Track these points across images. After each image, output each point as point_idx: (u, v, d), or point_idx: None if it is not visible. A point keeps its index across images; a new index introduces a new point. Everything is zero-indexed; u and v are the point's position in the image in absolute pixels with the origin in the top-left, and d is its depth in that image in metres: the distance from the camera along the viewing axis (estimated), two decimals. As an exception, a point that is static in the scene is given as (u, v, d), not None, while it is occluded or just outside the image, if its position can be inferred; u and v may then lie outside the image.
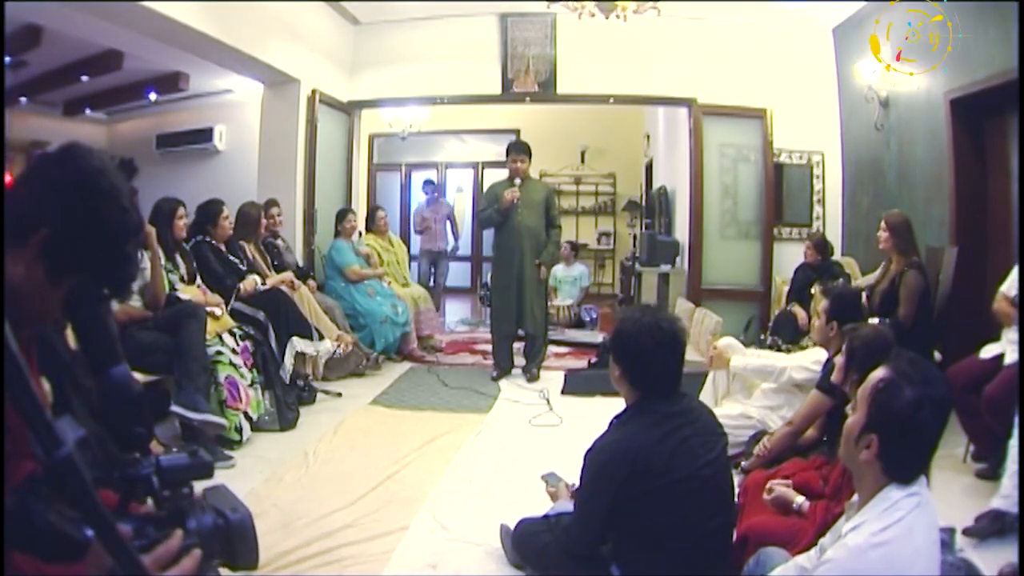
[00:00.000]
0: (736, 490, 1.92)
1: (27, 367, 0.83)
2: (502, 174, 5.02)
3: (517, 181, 4.83)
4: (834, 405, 2.43)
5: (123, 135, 7.81)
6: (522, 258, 4.86)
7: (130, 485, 0.92)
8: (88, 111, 7.38)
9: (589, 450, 1.79)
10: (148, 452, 0.96)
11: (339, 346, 4.59)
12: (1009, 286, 3.06)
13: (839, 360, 2.21)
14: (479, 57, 6.13)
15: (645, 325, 1.79)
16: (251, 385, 3.55)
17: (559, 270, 7.76)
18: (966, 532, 2.43)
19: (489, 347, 5.25)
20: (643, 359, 1.79)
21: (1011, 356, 2.92)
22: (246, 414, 3.43)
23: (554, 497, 2.33)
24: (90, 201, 0.96)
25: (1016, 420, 2.49)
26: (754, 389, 3.28)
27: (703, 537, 1.74)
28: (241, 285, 4.11)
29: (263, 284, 4.33)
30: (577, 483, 1.92)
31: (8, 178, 0.98)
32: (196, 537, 0.91)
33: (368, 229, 6.02)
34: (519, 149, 4.94)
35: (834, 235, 5.59)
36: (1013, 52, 3.31)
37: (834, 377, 2.24)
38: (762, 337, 4.75)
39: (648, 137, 8.73)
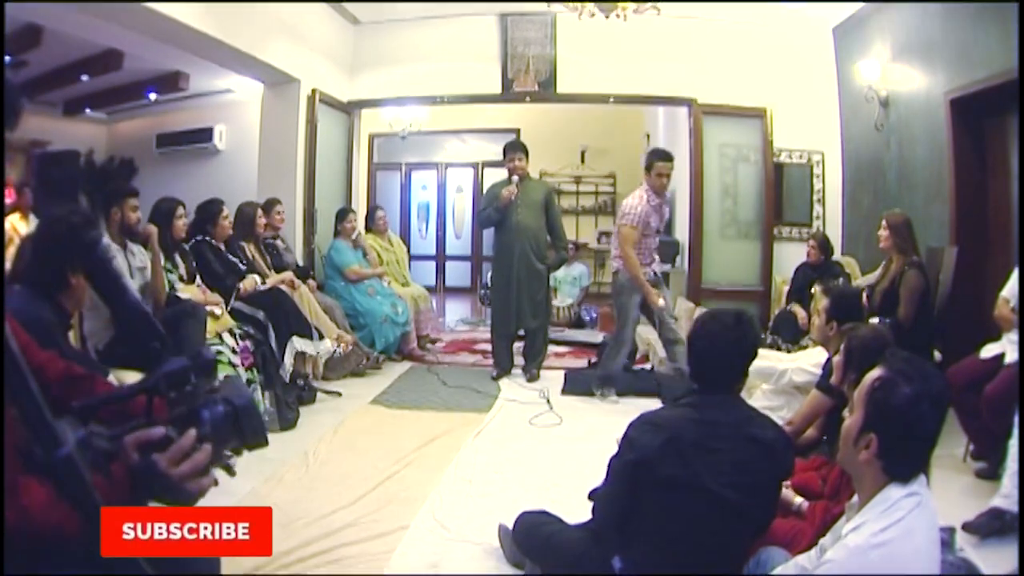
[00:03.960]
0: (770, 517, 1.81)
1: (28, 368, 0.83)
2: (502, 174, 5.02)
3: (515, 179, 4.84)
4: (833, 405, 2.43)
5: (123, 135, 7.80)
6: (520, 257, 4.85)
7: (145, 393, 1.09)
8: (88, 111, 7.37)
9: (634, 419, 1.79)
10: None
11: (339, 346, 4.59)
12: (1010, 291, 3.05)
13: (837, 360, 2.21)
14: (479, 57, 6.13)
15: (712, 318, 1.85)
16: (247, 385, 3.54)
17: (559, 270, 7.76)
18: (965, 527, 2.43)
19: (489, 347, 5.25)
20: (694, 348, 1.84)
21: (1011, 356, 2.92)
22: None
23: None
24: None
25: (1016, 420, 2.50)
26: (754, 390, 3.28)
27: (710, 553, 1.71)
28: (241, 285, 4.11)
29: (263, 284, 4.33)
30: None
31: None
32: (210, 426, 1.05)
33: (368, 229, 6.02)
34: (515, 148, 4.96)
35: (834, 235, 5.58)
36: (1013, 52, 3.31)
37: (833, 378, 2.23)
38: (762, 337, 4.75)
39: (648, 137, 8.72)
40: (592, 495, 2.03)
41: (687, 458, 1.65)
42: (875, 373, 1.35)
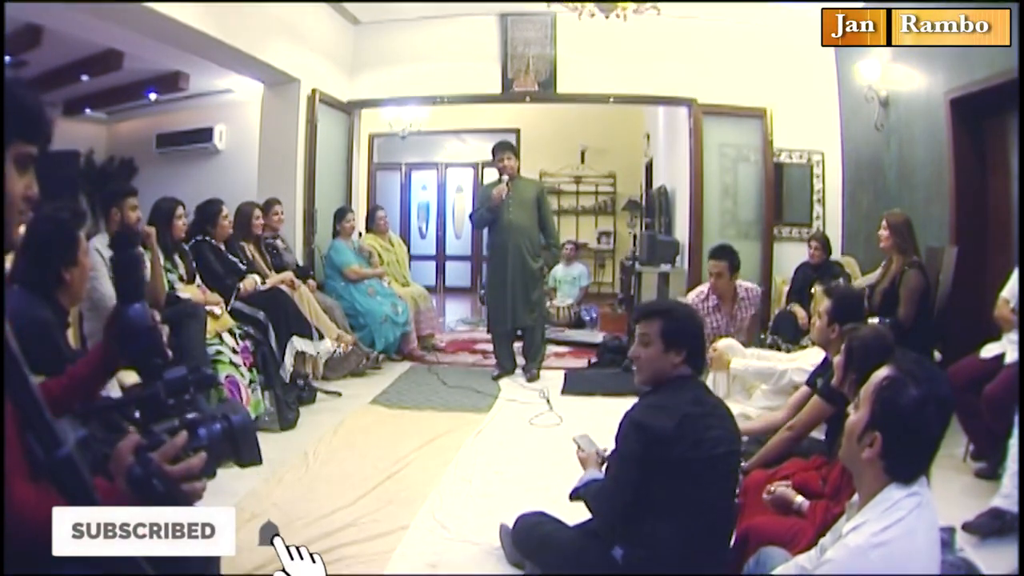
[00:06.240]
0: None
1: (27, 368, 0.83)
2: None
3: (505, 178, 4.86)
4: (834, 411, 2.42)
5: (123, 135, 7.80)
6: (512, 255, 4.87)
7: (142, 404, 1.12)
8: (88, 111, 7.36)
9: (628, 412, 1.89)
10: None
11: (339, 346, 4.59)
12: (1010, 291, 3.05)
13: (838, 360, 2.20)
14: (479, 57, 6.12)
15: (689, 314, 2.06)
16: (250, 385, 3.55)
17: (559, 270, 7.77)
18: (965, 527, 2.43)
19: (489, 347, 5.25)
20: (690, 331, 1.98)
21: (1012, 356, 2.92)
22: (245, 414, 3.43)
23: (584, 463, 2.19)
24: None
25: (1016, 420, 2.49)
26: (754, 390, 3.28)
27: (717, 517, 1.86)
28: (241, 285, 4.11)
29: (263, 284, 4.33)
30: (609, 449, 2.00)
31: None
32: (207, 442, 1.07)
33: (368, 229, 6.02)
34: (504, 148, 5.00)
35: (834, 235, 5.58)
36: (1013, 52, 3.30)
37: (834, 380, 2.23)
38: (762, 337, 4.75)
39: (648, 137, 8.72)
40: (575, 495, 2.05)
41: (698, 433, 1.82)
42: (884, 372, 1.35)
